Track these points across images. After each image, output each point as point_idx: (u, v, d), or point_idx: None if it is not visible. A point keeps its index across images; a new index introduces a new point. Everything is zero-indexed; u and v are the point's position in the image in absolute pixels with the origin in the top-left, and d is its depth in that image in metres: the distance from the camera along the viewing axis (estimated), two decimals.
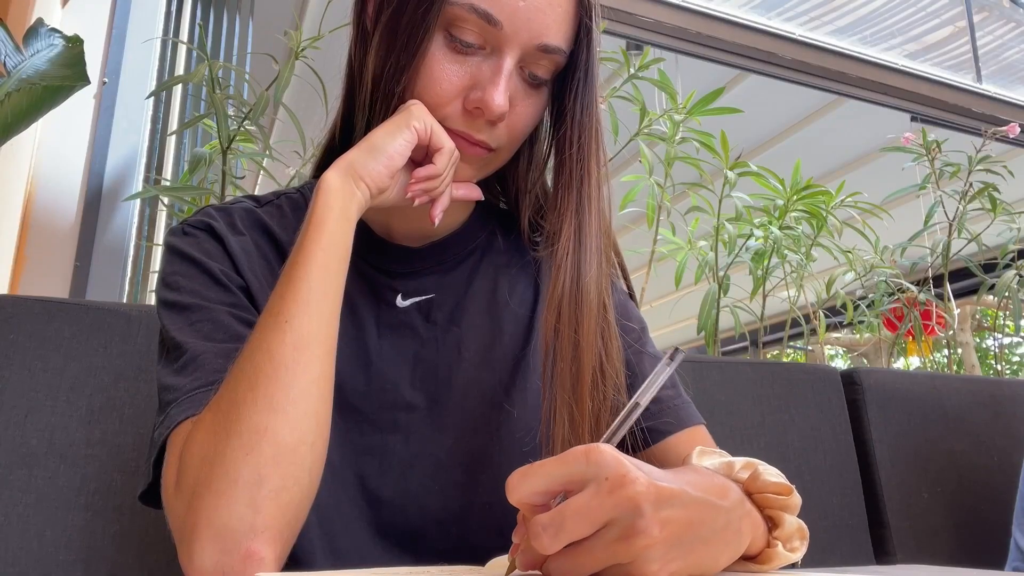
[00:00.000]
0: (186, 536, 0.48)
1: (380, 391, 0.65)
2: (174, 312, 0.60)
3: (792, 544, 0.50)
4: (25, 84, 0.98)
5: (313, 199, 0.57)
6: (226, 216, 0.67)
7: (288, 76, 1.38)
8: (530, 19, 0.59)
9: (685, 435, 0.68)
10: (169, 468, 0.52)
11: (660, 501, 0.39)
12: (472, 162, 0.64)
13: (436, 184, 0.60)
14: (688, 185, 1.74)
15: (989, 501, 1.37)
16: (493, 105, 0.59)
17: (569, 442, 0.60)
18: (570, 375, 0.62)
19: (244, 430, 0.48)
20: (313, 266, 0.54)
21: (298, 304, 0.52)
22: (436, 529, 0.64)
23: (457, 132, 0.61)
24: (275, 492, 0.48)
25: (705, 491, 0.44)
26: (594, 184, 0.66)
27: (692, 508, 0.42)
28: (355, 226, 0.58)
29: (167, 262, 0.64)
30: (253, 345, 0.52)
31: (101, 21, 1.65)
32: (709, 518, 0.43)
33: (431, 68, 0.60)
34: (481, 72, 0.60)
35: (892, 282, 2.02)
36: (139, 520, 0.86)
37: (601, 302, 0.65)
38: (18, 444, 0.83)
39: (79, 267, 1.49)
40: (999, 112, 2.91)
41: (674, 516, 0.40)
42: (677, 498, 0.41)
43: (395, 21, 0.61)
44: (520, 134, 0.65)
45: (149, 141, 1.70)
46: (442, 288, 0.70)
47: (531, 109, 0.64)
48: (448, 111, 0.61)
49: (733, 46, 2.49)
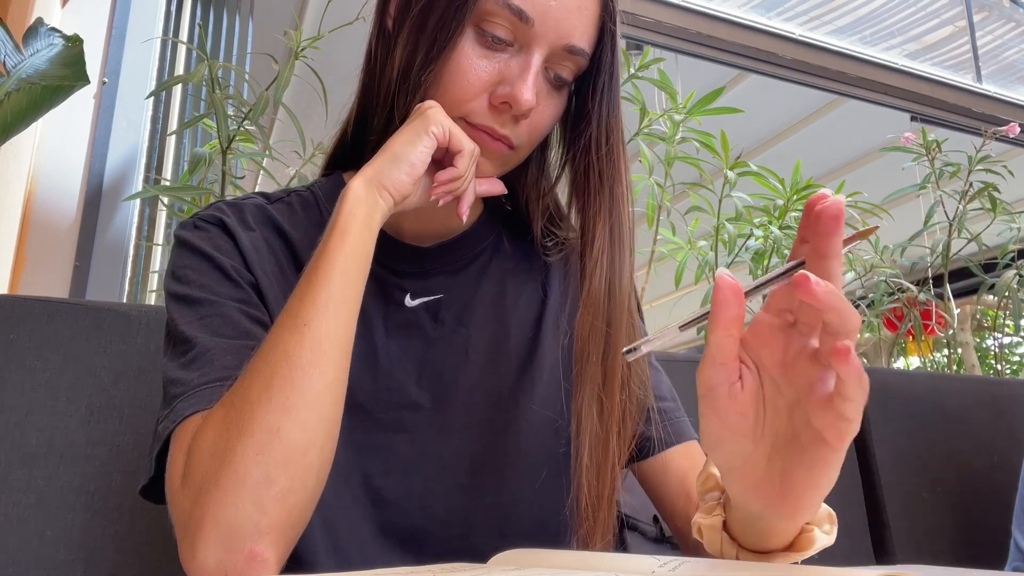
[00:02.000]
0: (190, 532, 0.48)
1: (386, 390, 0.65)
2: (183, 305, 0.60)
3: (824, 528, 0.50)
4: (25, 84, 0.98)
5: (337, 206, 0.57)
6: (237, 212, 0.67)
7: (288, 76, 1.38)
8: (560, 19, 0.60)
9: (682, 448, 0.70)
10: (175, 462, 0.52)
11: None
12: (493, 158, 0.64)
13: (458, 185, 0.61)
14: (688, 185, 1.74)
15: (989, 501, 1.37)
16: (522, 99, 0.59)
17: (597, 435, 0.62)
18: (601, 370, 0.63)
19: (256, 429, 0.48)
20: (335, 272, 0.54)
21: (317, 308, 0.53)
22: (440, 529, 0.64)
23: (481, 127, 0.62)
24: (282, 493, 0.48)
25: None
26: (624, 184, 0.67)
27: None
28: (377, 234, 0.58)
29: (177, 255, 0.64)
30: (270, 345, 0.52)
31: (101, 21, 1.65)
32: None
33: (460, 62, 0.60)
34: (509, 68, 0.61)
35: (892, 282, 2.02)
36: (139, 520, 0.86)
37: (631, 299, 0.67)
38: (18, 444, 0.83)
39: (79, 267, 1.49)
40: (999, 112, 2.91)
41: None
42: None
43: (425, 15, 0.61)
44: (540, 134, 0.65)
45: (149, 141, 1.70)
46: (450, 289, 0.70)
47: (552, 110, 0.65)
48: (474, 105, 0.61)
49: (733, 46, 2.49)
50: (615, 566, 0.46)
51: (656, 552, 0.84)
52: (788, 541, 0.49)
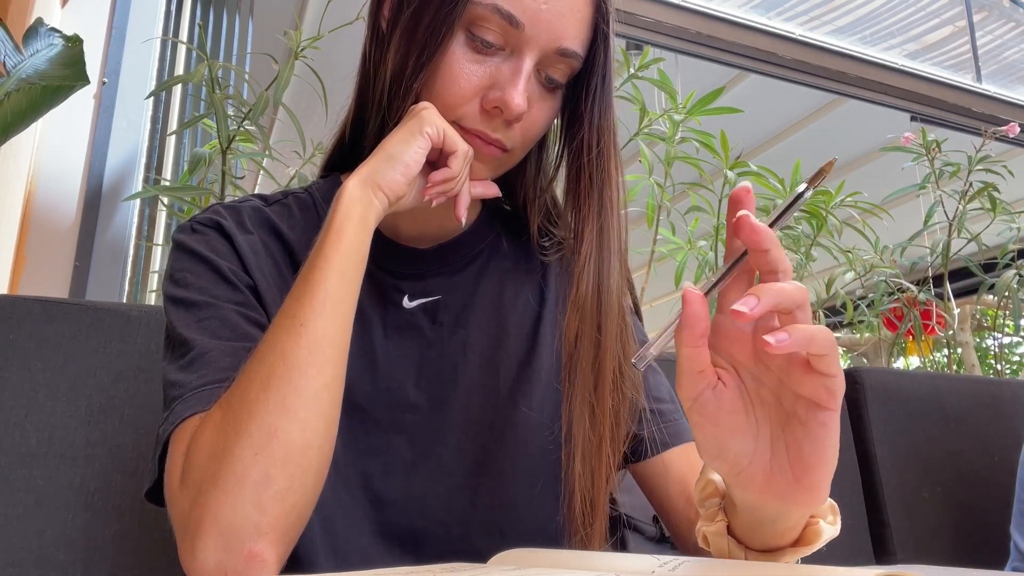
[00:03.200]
0: (189, 532, 0.48)
1: (386, 391, 0.65)
2: (181, 308, 0.60)
3: (828, 519, 0.50)
4: (25, 84, 0.98)
5: (333, 206, 0.57)
6: (235, 214, 0.67)
7: (288, 76, 1.38)
8: (551, 22, 0.60)
9: (682, 450, 0.70)
10: (174, 463, 0.52)
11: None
12: (487, 161, 0.64)
13: (452, 185, 0.61)
14: (688, 185, 1.74)
15: (989, 501, 1.37)
16: (513, 104, 0.59)
17: (589, 439, 0.62)
18: (592, 374, 0.63)
19: (255, 429, 0.49)
20: (331, 271, 0.54)
21: (314, 308, 0.53)
22: (439, 530, 0.64)
23: (473, 131, 0.62)
24: (281, 494, 0.48)
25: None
26: (615, 187, 0.67)
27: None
28: (372, 234, 0.58)
29: (175, 259, 0.64)
30: (267, 346, 0.52)
31: (101, 21, 1.65)
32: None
33: (451, 66, 0.60)
34: (500, 73, 0.61)
35: (892, 282, 2.02)
36: (139, 520, 0.86)
37: (620, 303, 0.66)
38: (18, 444, 0.83)
39: (79, 267, 1.49)
40: (999, 112, 2.91)
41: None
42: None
43: (416, 19, 0.61)
44: (534, 136, 0.65)
45: (149, 141, 1.70)
46: (449, 290, 0.70)
47: (546, 112, 0.65)
48: (466, 110, 0.61)
49: (733, 46, 2.49)
50: (615, 566, 0.46)
51: (656, 552, 0.84)
52: (796, 536, 0.49)
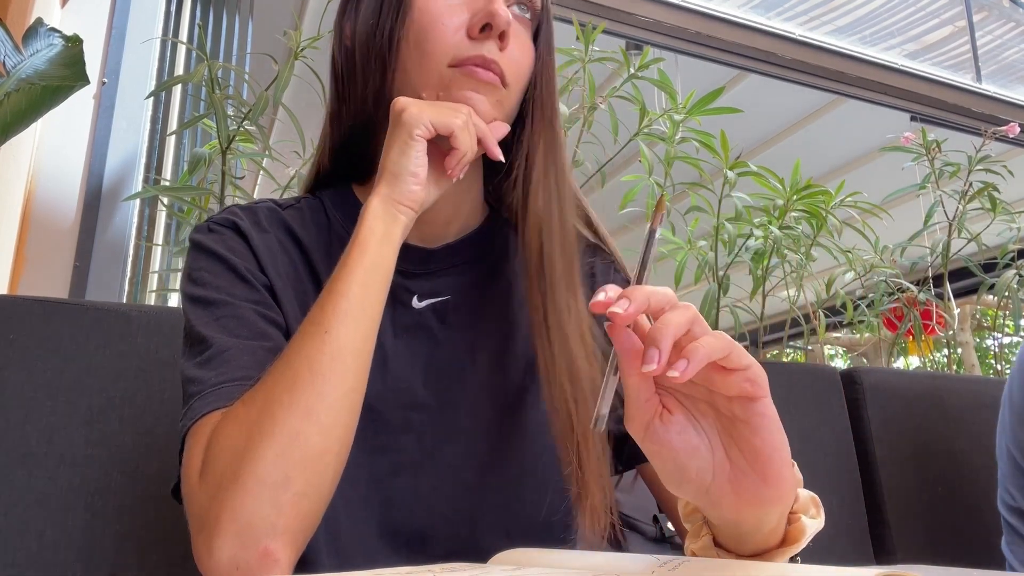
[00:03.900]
0: (207, 527, 0.49)
1: (394, 391, 0.66)
2: (199, 307, 0.61)
3: (810, 513, 0.51)
4: (24, 84, 0.98)
5: (358, 223, 0.59)
6: (251, 215, 0.68)
7: (288, 76, 1.38)
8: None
9: None
10: (192, 458, 0.53)
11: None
12: (488, 93, 0.64)
13: (465, 153, 0.61)
14: (688, 185, 1.74)
15: (989, 501, 1.36)
16: (499, 12, 0.61)
17: (591, 438, 0.61)
18: (559, 342, 0.64)
19: (278, 431, 0.50)
20: (354, 283, 0.56)
21: (337, 316, 0.54)
22: (446, 529, 0.64)
23: (470, 59, 0.62)
24: (298, 496, 0.49)
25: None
26: (559, 123, 0.70)
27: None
28: (399, 248, 0.59)
29: (193, 258, 0.65)
30: (293, 351, 0.54)
31: (100, 21, 1.65)
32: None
33: (429, 9, 0.63)
34: (475, 0, 0.63)
35: (892, 282, 2.02)
36: (139, 520, 0.86)
37: (569, 263, 0.67)
38: (18, 444, 0.83)
39: (79, 267, 1.49)
40: (999, 112, 2.92)
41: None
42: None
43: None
44: (521, 69, 0.66)
45: (149, 141, 1.70)
46: (457, 290, 0.70)
47: (526, 47, 0.67)
48: (455, 40, 0.62)
49: (733, 46, 2.49)
50: (615, 566, 0.46)
51: (656, 552, 0.84)
52: (781, 536, 0.49)
